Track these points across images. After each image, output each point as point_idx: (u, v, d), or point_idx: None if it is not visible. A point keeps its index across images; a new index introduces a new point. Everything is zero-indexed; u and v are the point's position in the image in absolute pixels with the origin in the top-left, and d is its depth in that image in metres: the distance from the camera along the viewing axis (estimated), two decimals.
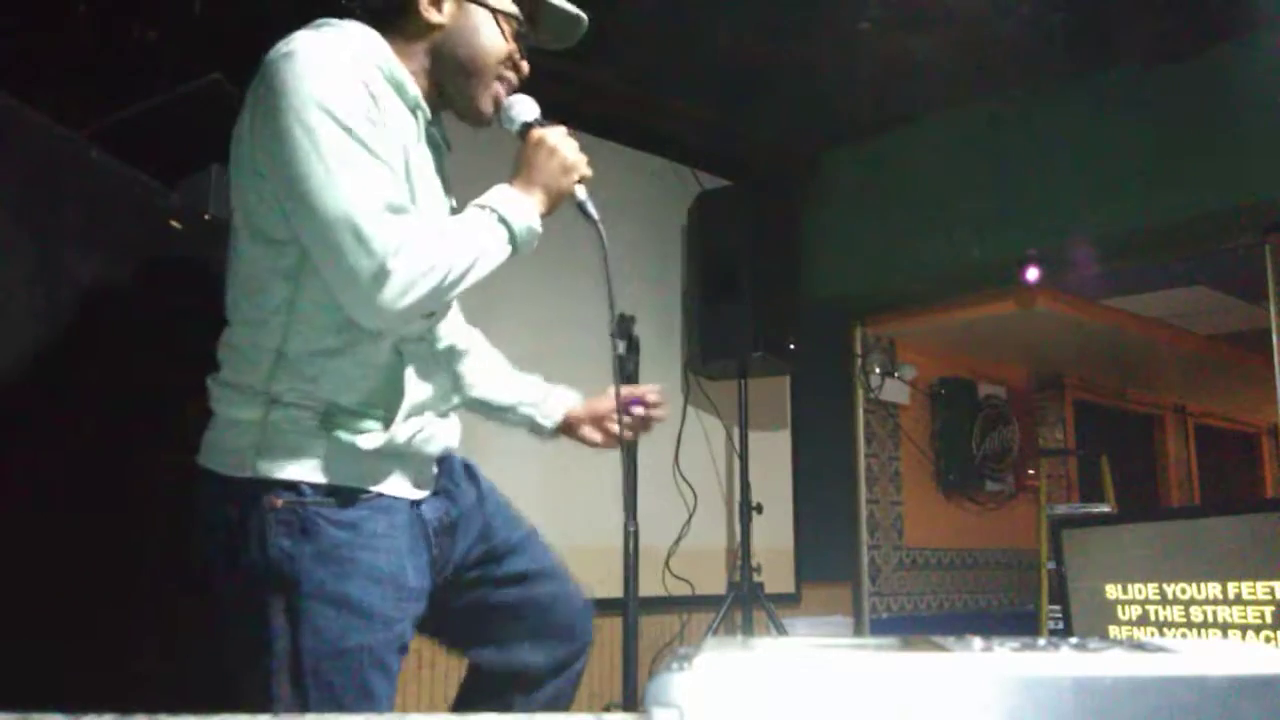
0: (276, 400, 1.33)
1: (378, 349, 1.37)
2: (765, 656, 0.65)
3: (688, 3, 3.27)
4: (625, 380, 2.39)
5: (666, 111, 3.92)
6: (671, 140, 4.06)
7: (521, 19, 1.50)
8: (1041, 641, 0.74)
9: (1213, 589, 2.70)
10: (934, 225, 4.07)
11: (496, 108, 1.50)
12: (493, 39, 1.46)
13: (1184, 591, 2.75)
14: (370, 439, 1.35)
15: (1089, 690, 0.60)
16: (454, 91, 1.48)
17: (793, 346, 3.83)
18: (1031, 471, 5.68)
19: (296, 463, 1.32)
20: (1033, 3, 3.24)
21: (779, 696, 0.60)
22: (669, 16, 3.31)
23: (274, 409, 1.33)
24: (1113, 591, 2.91)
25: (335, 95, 1.27)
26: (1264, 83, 3.20)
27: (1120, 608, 2.89)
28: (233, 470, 1.33)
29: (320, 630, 1.30)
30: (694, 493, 3.92)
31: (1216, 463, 7.22)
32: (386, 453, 1.38)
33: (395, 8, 1.43)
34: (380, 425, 1.37)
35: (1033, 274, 4.05)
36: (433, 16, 1.43)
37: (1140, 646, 0.71)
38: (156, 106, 1.87)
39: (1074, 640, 0.76)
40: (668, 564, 3.78)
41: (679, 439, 3.91)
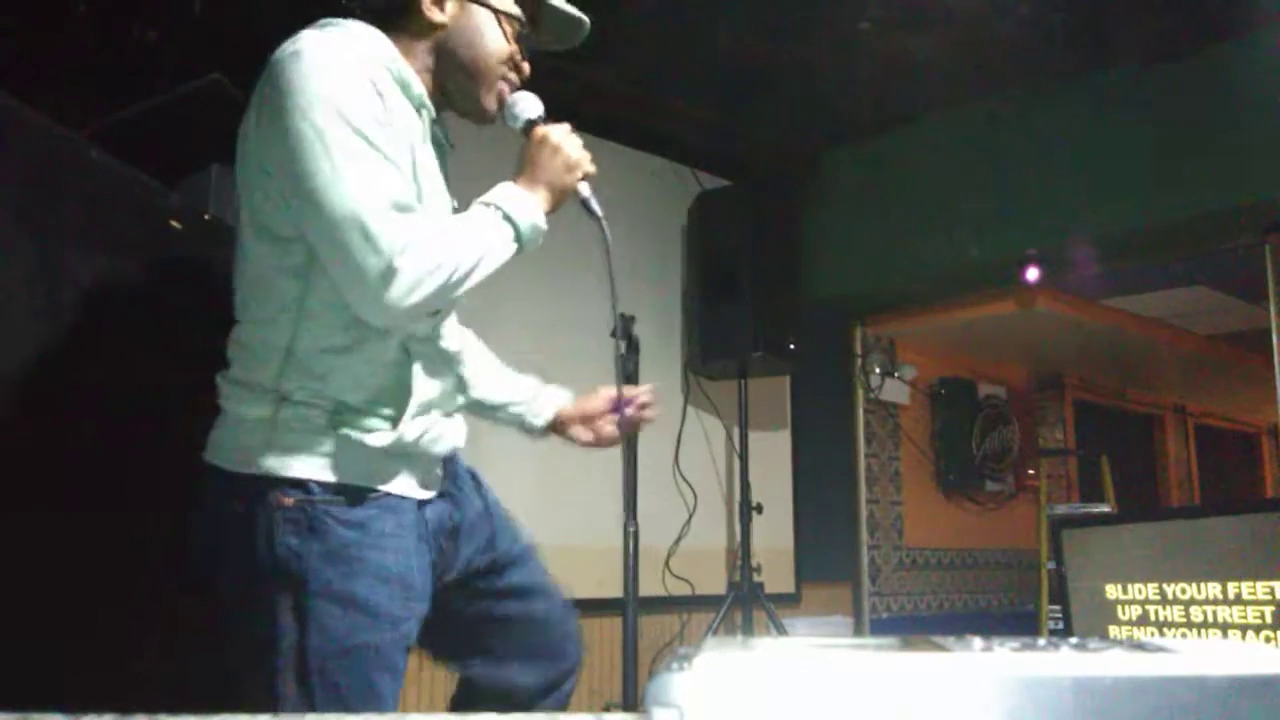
0: (286, 398, 1.33)
1: (386, 347, 1.37)
2: (765, 656, 0.65)
3: (688, 3, 3.27)
4: (625, 380, 2.39)
5: (666, 111, 3.92)
6: (671, 140, 4.07)
7: (523, 20, 1.50)
8: (1041, 641, 0.74)
9: (1213, 589, 2.70)
10: (934, 225, 4.07)
11: (500, 106, 1.51)
12: (495, 39, 1.47)
13: (1184, 591, 2.75)
14: (379, 437, 1.35)
15: (1089, 690, 0.60)
16: (457, 91, 1.49)
17: (793, 346, 3.83)
18: (1031, 471, 5.68)
19: (305, 461, 1.32)
20: (1032, 3, 3.25)
21: (779, 696, 0.60)
22: (669, 16, 3.31)
23: (283, 406, 1.33)
24: (1113, 591, 2.91)
25: (343, 94, 1.27)
26: (1264, 83, 3.20)
27: (1120, 608, 2.89)
28: (240, 467, 1.33)
29: (327, 629, 1.30)
30: (694, 493, 3.92)
31: (1216, 463, 7.22)
32: (394, 452, 1.38)
33: (398, 7, 1.44)
34: (388, 424, 1.37)
35: (1033, 274, 4.05)
36: (435, 16, 1.44)
37: (1140, 646, 0.71)
38: (156, 106, 1.88)
39: (1074, 640, 0.76)
40: (668, 564, 3.78)
41: (679, 439, 3.91)
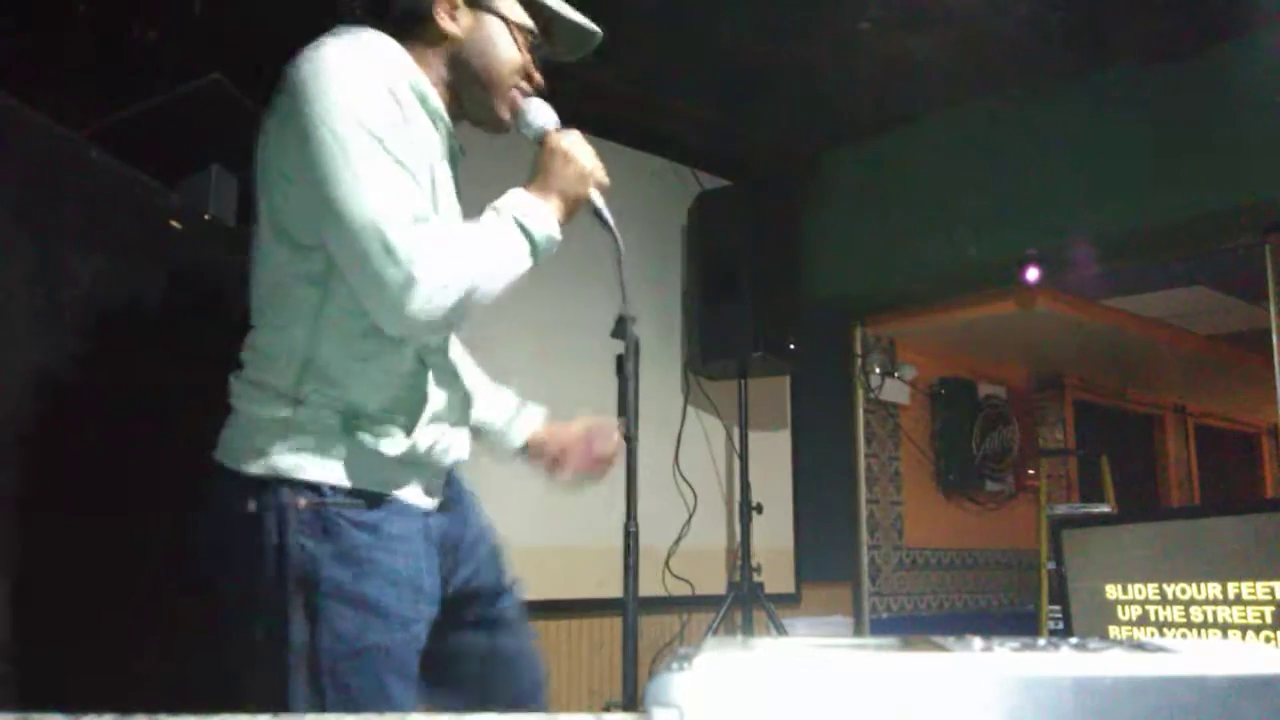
0: (301, 401, 1.33)
1: (402, 356, 1.39)
2: (765, 656, 0.65)
3: (688, 3, 3.27)
4: (625, 381, 2.38)
5: (666, 111, 3.92)
6: (671, 140, 4.06)
7: (535, 31, 1.51)
8: (1041, 641, 0.74)
9: (1213, 589, 2.70)
10: (934, 225, 4.07)
11: (513, 115, 1.52)
12: (508, 50, 1.48)
13: (1184, 591, 2.75)
14: (393, 445, 1.36)
15: (1089, 690, 0.60)
16: (471, 101, 1.50)
17: (793, 346, 3.83)
18: (1031, 471, 5.68)
19: (319, 464, 1.33)
20: (1032, 2, 3.24)
21: (779, 696, 0.60)
22: (669, 16, 3.31)
23: (299, 409, 1.33)
24: (1113, 591, 2.91)
25: (365, 104, 1.29)
26: (1264, 83, 3.20)
27: (1120, 608, 2.89)
28: (252, 468, 1.33)
29: (338, 630, 1.30)
30: (694, 493, 3.92)
31: (1216, 463, 7.22)
32: (406, 460, 1.39)
33: (413, 18, 1.45)
34: (402, 432, 1.38)
35: (1033, 274, 4.05)
36: (449, 27, 1.45)
37: (1140, 646, 0.71)
38: (156, 106, 1.87)
39: (1074, 640, 0.76)
40: (668, 564, 3.78)
41: (679, 439, 3.91)
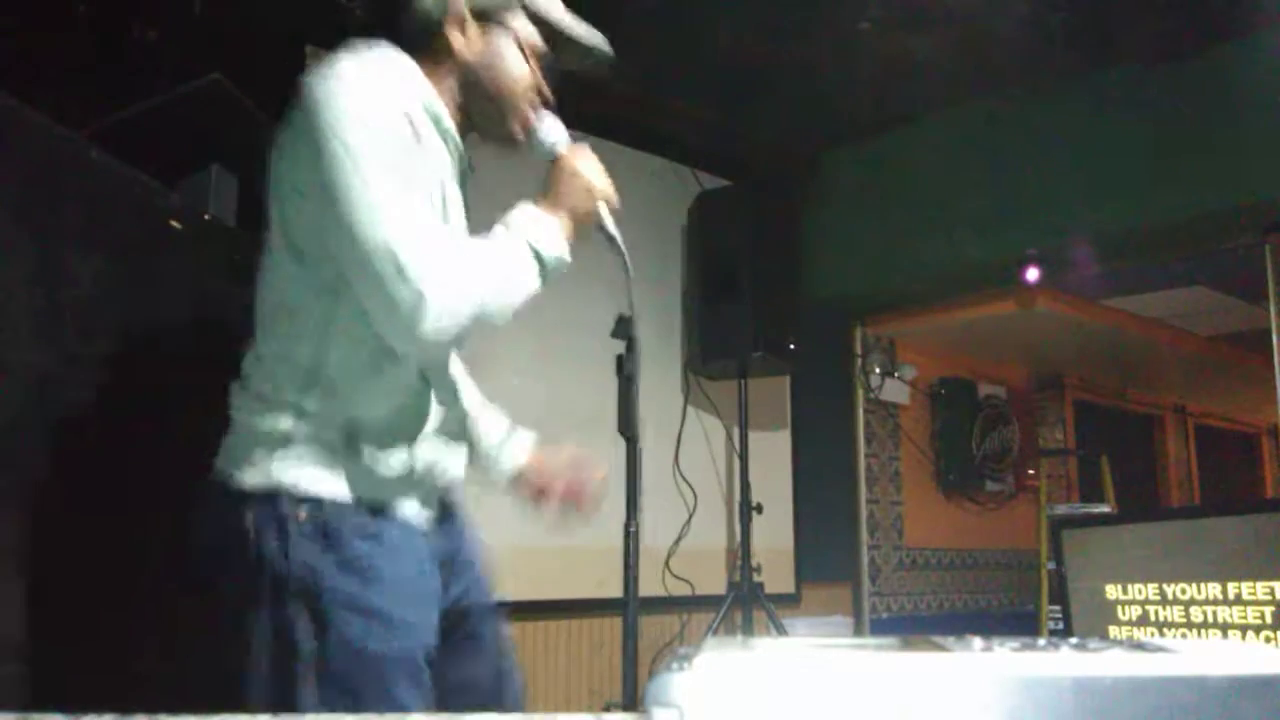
0: (303, 414, 1.34)
1: (406, 373, 1.40)
2: (765, 656, 0.65)
3: (688, 3, 3.27)
4: (625, 380, 2.38)
5: (666, 111, 3.92)
6: (671, 140, 4.06)
7: (545, 49, 1.52)
8: (1041, 641, 0.74)
9: (1213, 589, 2.70)
10: (934, 225, 4.07)
11: (525, 132, 1.53)
12: (518, 67, 1.49)
13: (1184, 591, 2.75)
14: (392, 462, 1.38)
15: (1089, 690, 0.60)
16: (482, 118, 1.51)
17: (793, 346, 3.83)
18: (1031, 471, 5.68)
19: (319, 476, 1.34)
20: (1032, 2, 3.24)
21: (779, 696, 0.60)
22: (669, 16, 3.31)
23: (300, 422, 1.34)
24: (1113, 591, 2.91)
25: (379, 122, 1.30)
26: (1264, 83, 3.20)
27: (1120, 608, 2.89)
28: (253, 479, 1.34)
29: (346, 639, 1.30)
30: (694, 493, 3.92)
31: (1216, 463, 7.22)
32: (404, 477, 1.40)
33: (425, 35, 1.45)
34: (401, 449, 1.39)
35: (1033, 274, 4.05)
36: (460, 44, 1.46)
37: (1140, 646, 0.71)
38: (156, 106, 1.87)
39: (1074, 640, 0.76)
40: (668, 564, 3.78)
41: (679, 439, 3.91)
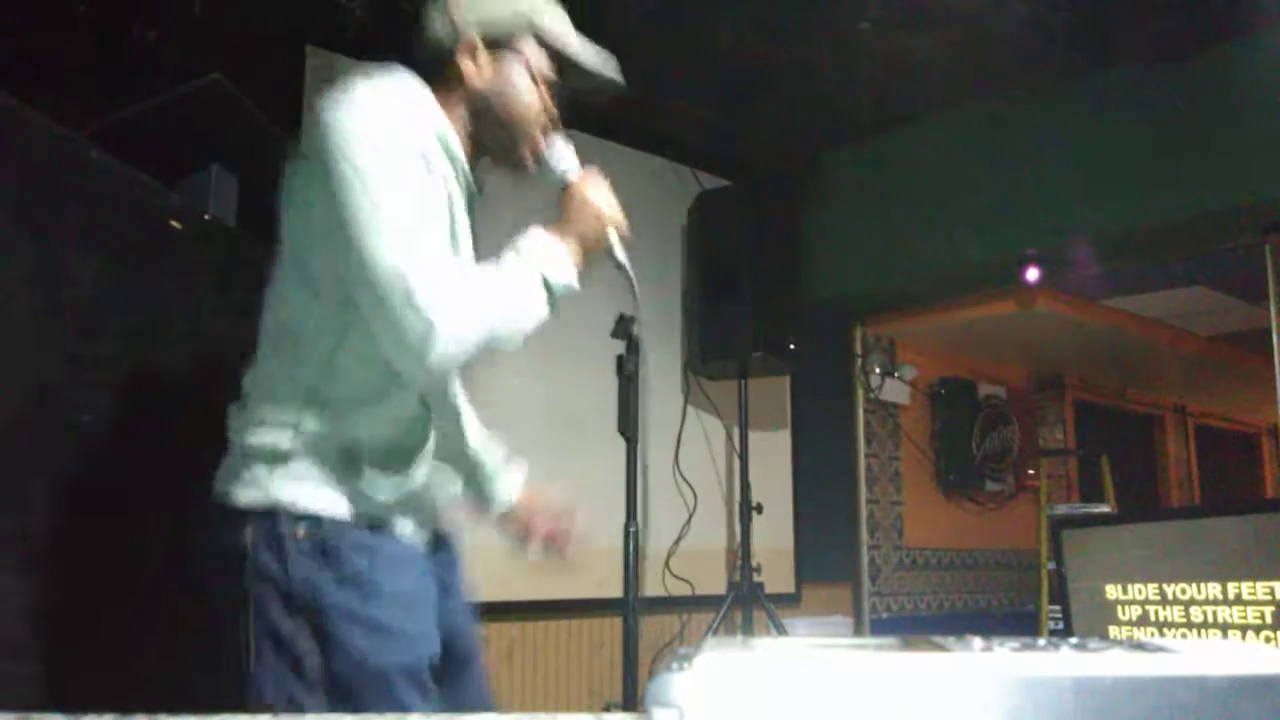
0: (302, 433, 1.35)
1: (407, 399, 1.41)
2: (765, 656, 0.65)
3: (688, 3, 3.27)
4: (625, 380, 2.38)
5: (666, 111, 3.92)
6: (671, 140, 4.06)
7: (555, 78, 1.53)
8: (1041, 641, 0.74)
9: (1213, 589, 2.70)
10: (934, 225, 4.07)
11: (535, 158, 1.54)
12: (529, 94, 1.50)
13: (1184, 591, 2.75)
14: (389, 484, 1.39)
15: (1089, 690, 0.60)
16: (493, 144, 1.52)
17: (793, 346, 3.83)
18: (1031, 471, 5.68)
19: (316, 495, 1.35)
20: (1033, 2, 3.24)
21: (779, 696, 0.60)
22: (669, 16, 3.31)
23: (299, 441, 1.35)
24: (1113, 591, 2.91)
25: (390, 148, 1.31)
26: (1264, 83, 3.20)
27: (1120, 608, 2.89)
28: (250, 497, 1.35)
29: (351, 652, 1.31)
30: (694, 493, 3.92)
31: (1216, 463, 7.22)
32: (401, 499, 1.41)
33: (436, 62, 1.47)
34: (399, 471, 1.40)
35: (1033, 274, 4.05)
36: (471, 73, 1.47)
37: (1140, 646, 0.71)
38: (156, 106, 1.87)
39: (1074, 640, 0.76)
40: (668, 564, 3.78)
41: (679, 439, 3.91)
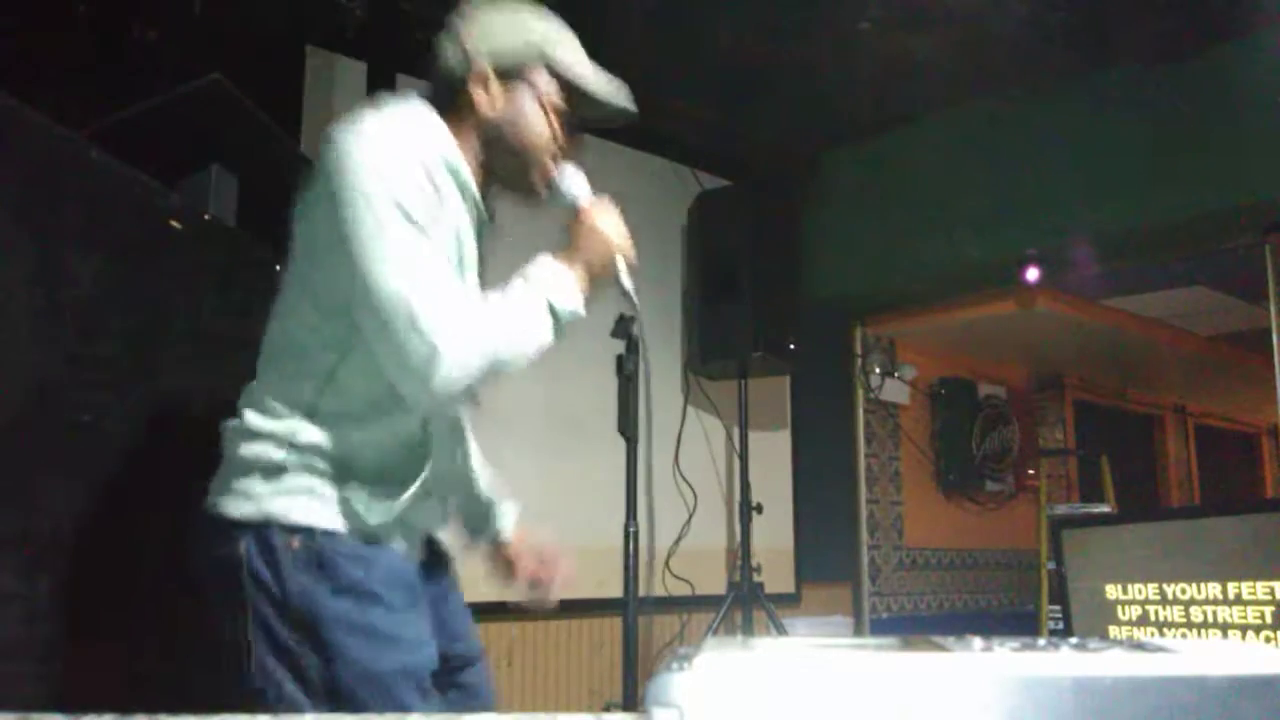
0: (297, 448, 1.36)
1: (406, 423, 1.42)
2: (765, 656, 0.65)
3: (688, 3, 3.27)
4: (625, 380, 2.38)
5: (666, 111, 3.92)
6: (671, 140, 4.06)
7: (568, 109, 1.53)
8: (1041, 641, 0.74)
9: (1213, 589, 2.70)
10: (934, 225, 4.07)
11: (546, 185, 1.55)
12: (540, 125, 1.50)
13: (1184, 591, 2.75)
14: (381, 506, 1.39)
15: (1089, 690, 0.60)
16: (505, 173, 1.53)
17: (793, 346, 3.83)
18: (1031, 471, 5.68)
19: (309, 509, 1.36)
20: (1033, 3, 3.24)
21: (779, 696, 0.60)
22: (669, 16, 3.31)
23: (293, 455, 1.36)
24: (1113, 591, 2.91)
25: (398, 178, 1.32)
26: (1264, 83, 3.20)
27: (1120, 608, 2.89)
28: (244, 510, 1.36)
29: (351, 660, 1.32)
30: (694, 493, 3.92)
31: (1216, 463, 7.22)
32: (393, 520, 1.42)
33: (449, 92, 1.48)
34: (392, 493, 1.41)
35: (1033, 274, 4.05)
36: (483, 101, 1.48)
37: (1140, 646, 0.71)
38: (156, 106, 1.87)
39: (1074, 640, 0.76)
40: (668, 564, 3.78)
41: (679, 439, 3.91)
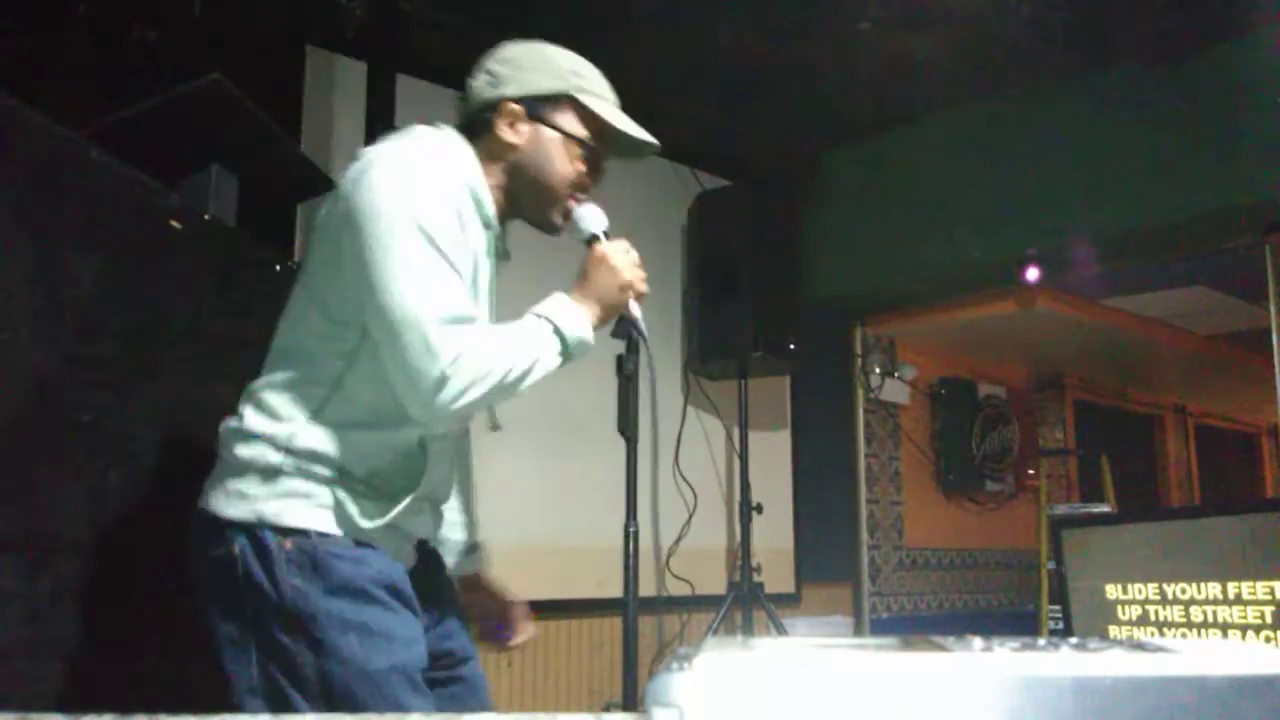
0: (293, 452, 1.38)
1: (405, 435, 1.45)
2: (765, 656, 0.65)
3: (688, 3, 3.27)
4: (625, 380, 2.38)
5: (666, 111, 3.91)
6: (671, 140, 4.05)
7: (592, 143, 1.56)
8: (1041, 641, 0.74)
9: (1213, 589, 2.70)
10: (934, 225, 4.07)
11: (565, 220, 1.58)
12: (563, 163, 1.54)
13: (1184, 591, 2.75)
14: (372, 513, 1.41)
15: (1089, 690, 0.60)
16: (526, 205, 1.56)
17: (793, 346, 3.83)
18: (1031, 471, 5.68)
19: (303, 511, 1.38)
20: (1033, 3, 3.24)
21: (779, 696, 0.60)
22: (669, 16, 3.31)
23: (288, 463, 1.38)
24: (1113, 591, 2.91)
25: (424, 206, 1.36)
26: (1264, 83, 3.20)
27: (1120, 608, 2.89)
28: (240, 514, 1.37)
29: (347, 658, 1.34)
30: (694, 493, 3.92)
31: (1216, 463, 7.22)
32: (383, 528, 1.43)
33: (476, 126, 1.53)
34: (382, 504, 1.42)
35: (1033, 274, 4.05)
36: (509, 137, 1.52)
37: (1140, 646, 0.71)
38: (156, 106, 1.87)
39: (1074, 640, 0.76)
40: (668, 564, 3.78)
41: (679, 439, 3.91)
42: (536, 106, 1.52)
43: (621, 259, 1.55)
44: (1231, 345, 5.86)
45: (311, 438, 1.39)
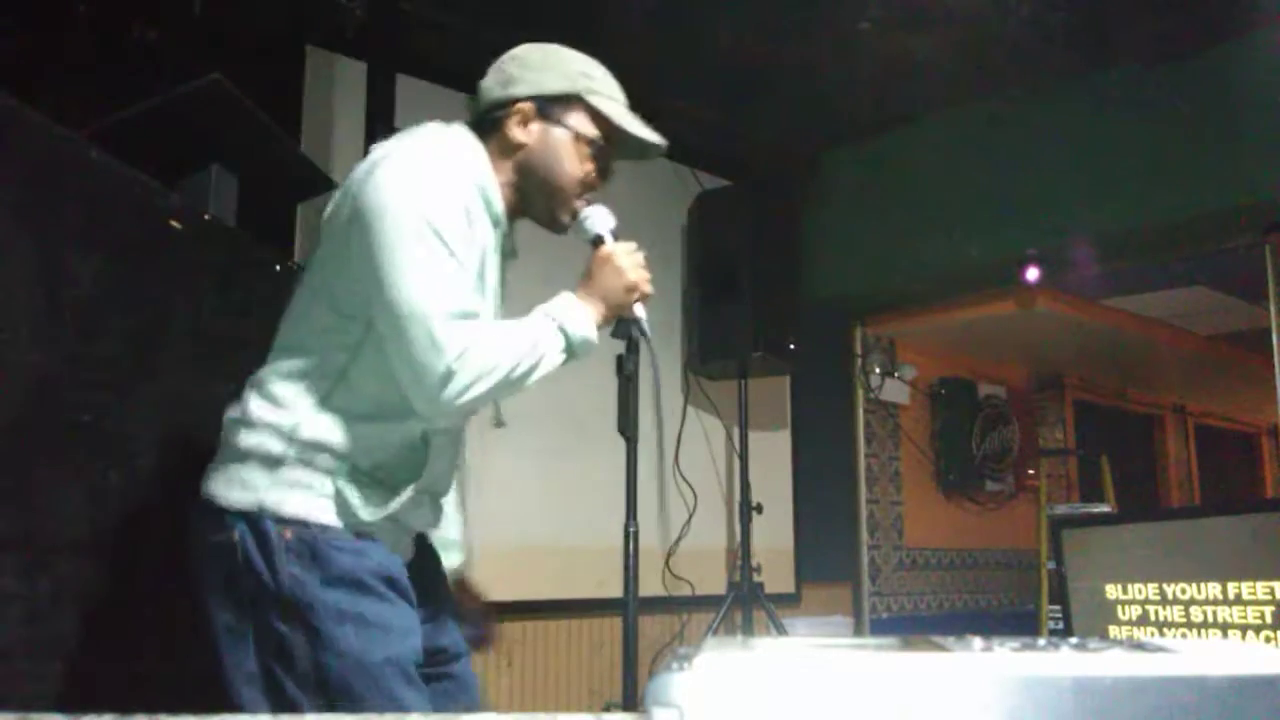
0: (296, 442, 1.39)
1: (408, 428, 1.45)
2: (765, 656, 0.65)
3: (688, 3, 3.27)
4: (625, 380, 2.38)
5: (666, 111, 3.91)
6: (671, 140, 4.04)
7: (601, 143, 1.57)
8: (1041, 641, 0.74)
9: (1213, 589, 2.70)
10: (934, 225, 4.07)
11: (573, 219, 1.60)
12: (572, 162, 1.56)
13: (1184, 591, 2.75)
14: (371, 507, 1.42)
15: (1089, 690, 0.60)
16: (534, 203, 1.58)
17: (793, 346, 3.83)
18: (1031, 471, 5.68)
19: (304, 501, 1.38)
20: (1033, 3, 3.24)
21: (779, 696, 0.60)
22: (669, 16, 3.31)
23: (291, 453, 1.39)
24: (1113, 591, 2.91)
25: (432, 202, 1.37)
26: (1264, 83, 3.20)
27: (1120, 608, 2.89)
28: (241, 502, 1.38)
29: (343, 650, 1.34)
30: (694, 493, 3.92)
31: (1216, 463, 7.22)
32: (384, 520, 1.44)
33: (487, 124, 1.54)
34: (384, 495, 1.43)
35: (1033, 274, 4.05)
36: (519, 136, 1.53)
37: (1140, 646, 0.71)
38: (156, 106, 1.87)
39: (1074, 640, 0.76)
40: (668, 564, 3.78)
41: (679, 439, 3.91)
42: (547, 106, 1.54)
43: (627, 260, 1.56)
44: (1231, 345, 5.86)
45: (315, 428, 1.39)
